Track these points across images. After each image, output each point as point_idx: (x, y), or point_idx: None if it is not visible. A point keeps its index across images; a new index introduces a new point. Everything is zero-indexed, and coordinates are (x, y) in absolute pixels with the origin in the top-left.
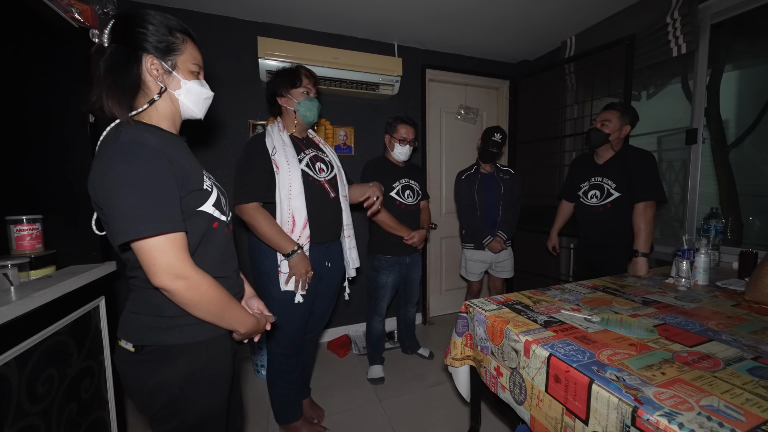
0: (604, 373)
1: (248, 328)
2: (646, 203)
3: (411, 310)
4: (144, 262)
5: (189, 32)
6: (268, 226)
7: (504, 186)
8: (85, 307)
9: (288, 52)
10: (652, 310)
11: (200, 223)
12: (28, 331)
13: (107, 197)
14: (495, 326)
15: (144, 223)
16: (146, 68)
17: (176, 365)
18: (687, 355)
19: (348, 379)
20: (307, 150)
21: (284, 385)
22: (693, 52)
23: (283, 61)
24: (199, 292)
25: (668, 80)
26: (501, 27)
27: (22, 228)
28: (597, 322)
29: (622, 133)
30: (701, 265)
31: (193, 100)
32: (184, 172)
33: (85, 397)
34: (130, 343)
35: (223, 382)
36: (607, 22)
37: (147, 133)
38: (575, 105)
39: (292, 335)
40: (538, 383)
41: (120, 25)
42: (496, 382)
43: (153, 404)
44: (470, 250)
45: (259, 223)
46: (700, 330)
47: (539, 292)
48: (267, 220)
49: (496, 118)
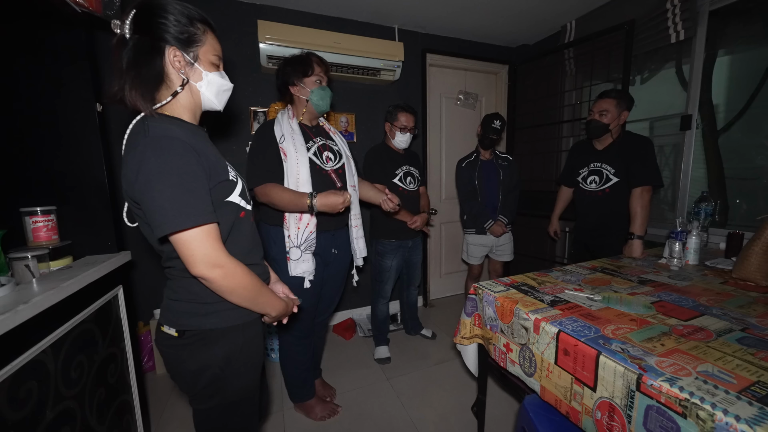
0: (609, 345)
1: (279, 311)
2: (643, 188)
3: (413, 293)
4: (182, 253)
5: (209, 22)
6: (281, 193)
7: (503, 172)
8: (106, 296)
9: (289, 36)
10: (649, 288)
11: (229, 214)
12: (60, 320)
13: (144, 192)
14: (504, 306)
15: (182, 216)
16: (169, 60)
17: (216, 348)
18: (683, 328)
19: (356, 360)
20: (315, 138)
21: (297, 366)
22: (690, 39)
23: (284, 45)
24: (235, 280)
25: (662, 65)
26: (502, 10)
27: (38, 219)
28: (599, 301)
29: (621, 119)
30: (692, 246)
31: (214, 91)
32: (211, 163)
33: (112, 381)
34: (173, 328)
35: (258, 363)
36: (608, 6)
37: (173, 125)
38: (574, 91)
39: (302, 319)
40: (548, 357)
41: (142, 16)
42: (505, 357)
43: (196, 384)
44: (472, 235)
45: (273, 196)
46: (693, 305)
47: (543, 273)
48: (278, 189)
49: (495, 104)
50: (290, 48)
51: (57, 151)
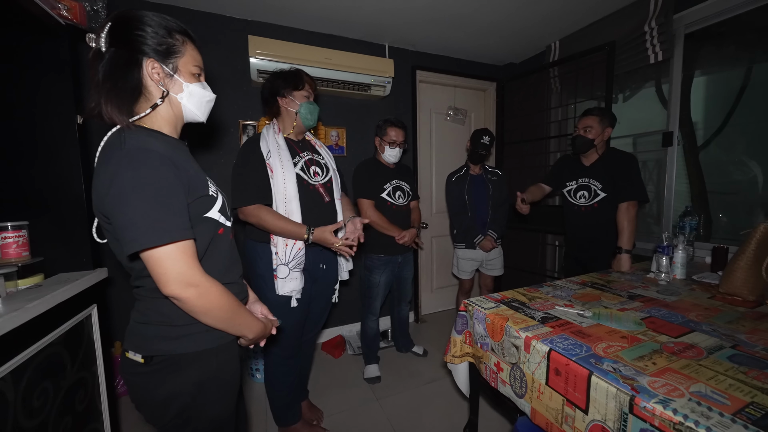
0: (601, 365)
1: (256, 333)
2: (629, 203)
3: (404, 309)
4: (154, 271)
5: (188, 33)
6: (275, 220)
7: (492, 187)
8: (78, 316)
9: (280, 51)
10: (638, 303)
11: (207, 230)
12: (23, 344)
13: (115, 206)
14: (495, 323)
15: (154, 232)
16: (147, 72)
17: (187, 374)
18: (673, 345)
19: (345, 380)
20: (302, 153)
21: (282, 388)
22: (668, 60)
23: (274, 60)
24: (210, 300)
25: (642, 84)
26: (489, 30)
27: (8, 235)
28: (590, 317)
29: (605, 135)
30: (679, 260)
31: (196, 103)
32: (190, 177)
33: (80, 408)
34: (139, 354)
35: (233, 389)
36: (590, 28)
37: (151, 138)
38: (560, 108)
39: (288, 337)
40: (539, 377)
41: (118, 28)
42: (496, 377)
43: (164, 415)
44: (462, 249)
45: (266, 220)
46: (683, 321)
47: (533, 289)
48: (272, 215)
49: (483, 119)
50: (281, 63)
51: (33, 163)
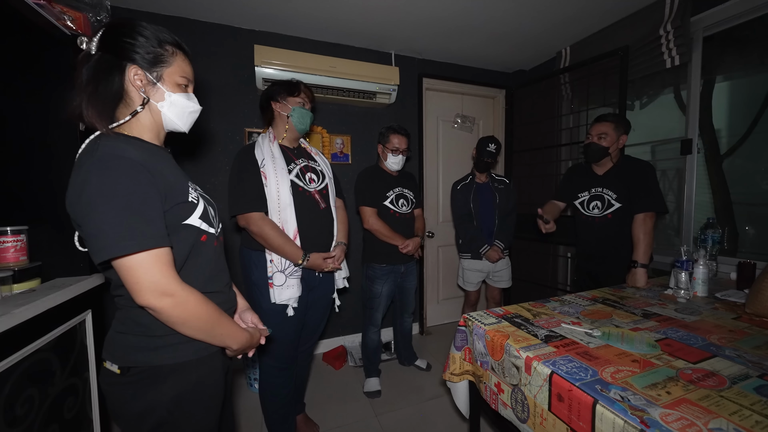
0: (608, 392)
1: (241, 344)
2: (646, 214)
3: (407, 320)
4: (127, 280)
5: (180, 45)
6: (276, 236)
7: (499, 195)
8: (70, 321)
9: (285, 60)
10: (653, 323)
11: (187, 237)
12: (7, 350)
13: (85, 214)
14: (495, 341)
15: (124, 240)
16: (129, 78)
17: (165, 387)
18: (691, 372)
19: (344, 393)
20: (297, 160)
21: (277, 399)
22: (686, 64)
23: (280, 69)
24: (186, 309)
25: (661, 90)
26: (497, 38)
27: (6, 240)
28: (598, 337)
29: (620, 143)
30: (700, 276)
31: (177, 112)
32: (167, 184)
33: (69, 416)
34: (116, 364)
35: (215, 402)
36: (601, 33)
37: (127, 145)
38: (571, 115)
39: (284, 347)
40: (541, 401)
41: (109, 34)
42: (497, 398)
43: (140, 428)
44: (467, 260)
45: (267, 234)
46: (703, 345)
47: (539, 304)
48: (275, 230)
49: (492, 127)
50: (286, 71)
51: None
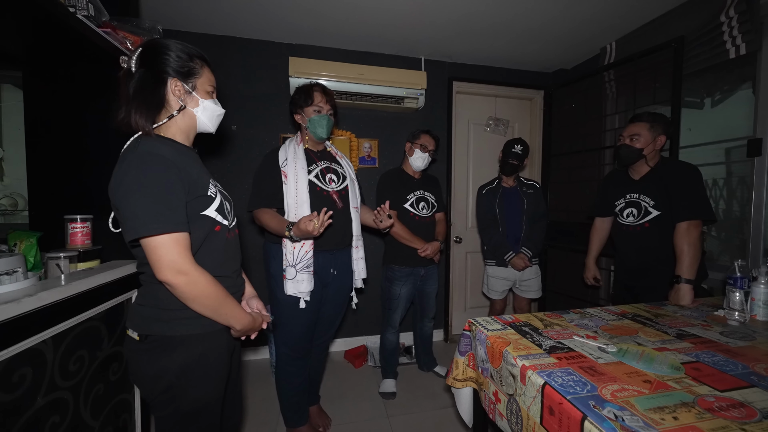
0: (601, 409)
1: (244, 325)
2: (690, 222)
3: (427, 325)
4: (150, 257)
5: (205, 58)
6: (268, 219)
7: (527, 201)
8: (118, 297)
9: (315, 70)
10: (686, 344)
11: (203, 226)
12: (67, 315)
13: (122, 199)
14: (495, 347)
15: (151, 223)
16: (171, 89)
17: (174, 355)
18: (714, 400)
19: (360, 391)
20: (319, 162)
21: (291, 387)
22: (755, 53)
23: (311, 78)
24: (198, 288)
25: (738, 84)
26: (531, 37)
27: (76, 225)
28: (612, 353)
29: (657, 144)
30: (760, 296)
31: (209, 116)
32: (191, 179)
33: (113, 379)
34: (136, 332)
35: (219, 376)
36: (651, 25)
37: (162, 144)
38: (616, 114)
39: (297, 337)
40: (534, 414)
41: (147, 53)
42: (494, 408)
43: (153, 390)
44: (492, 267)
45: (263, 221)
46: (742, 373)
47: (555, 315)
48: (268, 215)
49: (529, 130)
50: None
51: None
